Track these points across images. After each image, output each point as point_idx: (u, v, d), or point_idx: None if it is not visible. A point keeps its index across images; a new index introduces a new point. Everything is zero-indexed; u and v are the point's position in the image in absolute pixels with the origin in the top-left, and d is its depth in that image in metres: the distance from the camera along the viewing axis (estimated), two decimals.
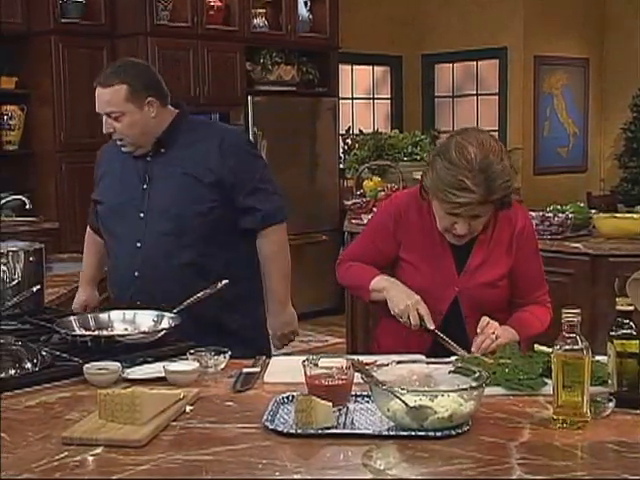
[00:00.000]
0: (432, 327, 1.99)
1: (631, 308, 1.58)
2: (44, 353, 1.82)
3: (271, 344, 2.43)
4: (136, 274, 2.27)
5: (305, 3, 6.21)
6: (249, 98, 5.77)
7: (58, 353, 1.84)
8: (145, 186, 2.30)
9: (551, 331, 1.85)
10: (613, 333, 1.58)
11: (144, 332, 1.96)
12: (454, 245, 2.06)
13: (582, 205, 3.97)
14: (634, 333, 1.56)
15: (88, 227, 2.60)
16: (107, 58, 5.24)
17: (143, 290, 2.24)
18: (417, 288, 2.05)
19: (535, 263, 2.15)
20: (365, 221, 4.32)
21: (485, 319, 1.96)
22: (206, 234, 2.26)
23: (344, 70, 7.00)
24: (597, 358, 1.67)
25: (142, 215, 2.28)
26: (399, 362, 1.62)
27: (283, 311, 2.40)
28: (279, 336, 2.41)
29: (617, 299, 1.61)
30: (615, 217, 3.90)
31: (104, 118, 2.25)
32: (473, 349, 1.94)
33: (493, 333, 1.94)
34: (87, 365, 1.75)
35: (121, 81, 2.20)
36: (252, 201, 2.30)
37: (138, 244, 2.28)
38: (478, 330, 1.95)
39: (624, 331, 1.57)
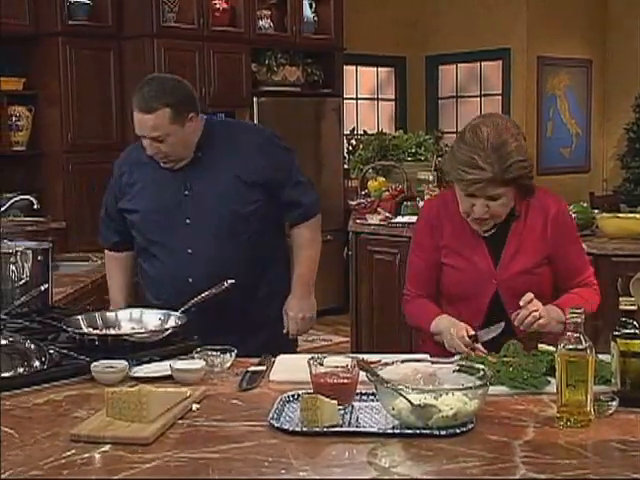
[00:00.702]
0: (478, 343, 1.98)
1: (634, 308, 1.59)
2: (52, 351, 1.83)
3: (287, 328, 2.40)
4: (190, 280, 2.25)
5: (310, 5, 6.21)
6: (254, 99, 5.78)
7: (65, 351, 1.85)
8: (187, 192, 2.27)
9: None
10: (616, 333, 1.58)
11: (151, 331, 1.97)
12: (487, 238, 2.06)
13: (585, 205, 3.96)
14: (637, 333, 1.57)
15: (106, 250, 2.50)
16: (114, 59, 5.25)
17: (197, 295, 2.19)
18: (459, 288, 2.07)
19: (574, 246, 2.12)
20: (369, 221, 4.34)
21: (530, 295, 1.93)
22: (254, 233, 2.30)
23: (348, 71, 7.01)
24: (600, 357, 1.67)
25: (188, 221, 2.26)
26: (404, 361, 1.63)
27: (309, 295, 2.42)
28: (300, 318, 2.39)
29: (620, 299, 1.61)
30: (618, 217, 3.90)
31: (147, 141, 2.22)
32: (515, 322, 1.92)
33: (536, 311, 1.92)
34: (94, 363, 1.76)
35: (163, 104, 2.17)
36: (295, 195, 2.37)
37: (189, 250, 2.26)
38: (521, 303, 1.92)
39: (627, 331, 1.57)
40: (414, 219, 4.24)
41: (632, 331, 1.57)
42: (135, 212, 2.33)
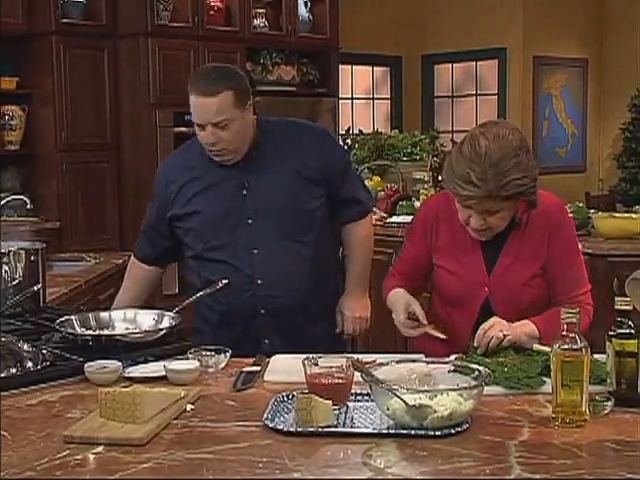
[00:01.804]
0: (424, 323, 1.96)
1: (630, 307, 1.58)
2: (45, 352, 1.82)
3: (344, 327, 2.40)
4: (259, 282, 2.20)
5: (305, 4, 6.20)
6: None
7: (59, 352, 1.84)
8: (245, 192, 2.21)
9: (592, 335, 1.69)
10: (612, 332, 1.58)
11: (145, 331, 1.96)
12: (485, 244, 2.00)
13: (581, 205, 3.97)
14: (633, 332, 1.56)
15: (133, 257, 2.42)
16: (108, 58, 5.23)
17: (267, 296, 2.19)
18: (451, 292, 2.03)
19: (571, 259, 2.02)
20: None
21: (490, 322, 1.88)
22: (318, 230, 2.26)
23: (344, 70, 7.00)
24: (596, 357, 1.67)
25: (250, 221, 2.20)
26: (399, 361, 1.62)
27: (365, 295, 2.41)
28: (357, 318, 2.38)
29: (616, 298, 1.61)
30: (614, 217, 3.90)
31: (208, 129, 2.12)
32: (478, 351, 1.86)
33: (500, 331, 1.85)
34: (88, 364, 1.75)
35: (227, 87, 2.10)
36: (354, 191, 2.34)
37: (255, 251, 2.20)
38: (480, 332, 1.87)
39: (623, 330, 1.57)
40: (409, 219, 4.24)
41: (627, 331, 1.56)
42: (194, 215, 2.24)
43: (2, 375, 1.72)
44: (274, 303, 2.20)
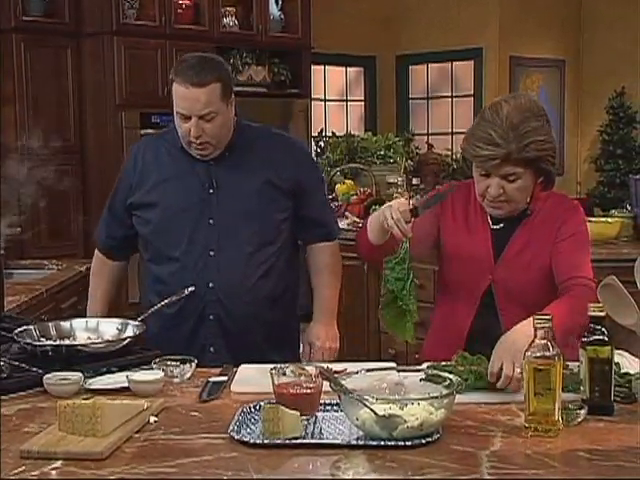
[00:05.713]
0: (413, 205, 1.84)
1: (603, 314, 1.57)
2: (2, 364, 1.76)
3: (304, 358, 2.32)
4: (210, 285, 2.12)
5: (276, 2, 6.15)
6: None
7: (17, 363, 1.79)
8: (212, 191, 2.14)
9: None
10: (585, 339, 1.56)
11: (107, 341, 1.91)
12: (495, 232, 1.97)
13: None
14: (606, 339, 1.55)
15: (97, 251, 2.33)
16: (71, 58, 5.11)
17: (217, 301, 2.12)
18: (454, 278, 1.98)
19: (570, 245, 1.94)
20: (340, 225, 4.30)
21: (496, 362, 1.64)
22: (281, 244, 2.19)
23: (316, 71, 6.97)
24: (570, 366, 1.65)
25: (212, 222, 2.13)
26: (369, 370, 1.60)
27: (333, 324, 2.35)
28: (327, 349, 2.31)
29: (589, 305, 1.59)
30: (589, 221, 3.88)
31: (193, 121, 2.06)
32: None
33: (512, 370, 1.62)
34: (47, 375, 1.70)
35: (215, 79, 2.05)
36: (320, 213, 2.29)
37: (211, 253, 2.12)
38: (491, 376, 1.65)
39: (596, 337, 1.55)
40: None
41: (601, 337, 1.55)
42: (152, 207, 2.16)
43: None
44: (223, 308, 2.13)
